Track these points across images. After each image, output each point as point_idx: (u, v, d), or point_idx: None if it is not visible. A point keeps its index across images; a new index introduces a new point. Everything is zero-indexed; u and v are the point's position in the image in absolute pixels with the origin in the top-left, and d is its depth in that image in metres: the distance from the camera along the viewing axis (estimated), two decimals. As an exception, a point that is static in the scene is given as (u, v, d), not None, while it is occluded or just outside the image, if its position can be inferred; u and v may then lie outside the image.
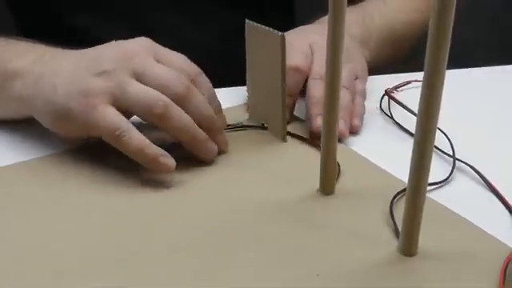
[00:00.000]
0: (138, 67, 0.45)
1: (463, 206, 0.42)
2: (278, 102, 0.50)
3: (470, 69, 0.72)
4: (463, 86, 0.66)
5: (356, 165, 0.48)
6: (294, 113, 0.56)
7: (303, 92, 0.55)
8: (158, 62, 0.46)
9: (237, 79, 0.58)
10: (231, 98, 0.60)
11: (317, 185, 0.44)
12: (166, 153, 0.45)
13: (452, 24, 0.30)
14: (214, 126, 0.48)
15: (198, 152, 0.47)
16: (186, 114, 0.45)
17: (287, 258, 0.37)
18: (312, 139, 0.51)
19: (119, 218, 0.41)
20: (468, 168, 0.47)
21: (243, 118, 0.56)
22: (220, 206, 0.42)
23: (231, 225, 0.40)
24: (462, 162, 0.48)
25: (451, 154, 0.49)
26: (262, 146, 0.52)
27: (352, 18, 0.63)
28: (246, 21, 0.52)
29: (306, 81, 0.54)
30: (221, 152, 0.49)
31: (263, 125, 0.54)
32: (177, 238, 0.39)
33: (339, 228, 0.40)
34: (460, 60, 0.60)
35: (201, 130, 0.46)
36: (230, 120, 0.55)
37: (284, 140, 0.52)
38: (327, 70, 0.39)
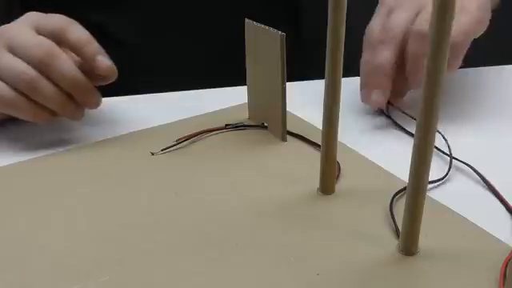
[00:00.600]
0: (12, 41, 0.49)
1: (462, 206, 0.42)
2: (277, 101, 0.50)
3: (470, 69, 0.72)
4: (463, 85, 0.66)
5: (356, 164, 0.48)
6: (295, 113, 0.56)
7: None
8: (36, 28, 0.50)
9: (237, 79, 0.58)
10: (231, 97, 0.60)
11: (317, 184, 0.44)
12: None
13: (452, 24, 0.30)
14: (80, 86, 0.50)
15: (66, 116, 0.51)
16: (49, 85, 0.48)
17: (287, 258, 0.37)
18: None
19: (119, 218, 0.41)
20: (467, 167, 0.47)
21: (243, 117, 0.56)
22: (220, 206, 0.42)
23: (231, 224, 0.40)
24: (460, 161, 0.48)
25: (449, 153, 0.49)
26: (262, 145, 0.52)
27: None
28: (246, 20, 0.52)
29: None
30: (92, 106, 0.52)
31: (263, 124, 0.54)
32: (177, 239, 0.39)
33: (339, 227, 0.40)
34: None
35: (64, 99, 0.49)
36: (230, 120, 0.55)
37: (284, 140, 0.52)
38: (327, 67, 0.39)
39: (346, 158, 0.47)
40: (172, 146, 0.51)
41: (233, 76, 0.57)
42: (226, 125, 0.54)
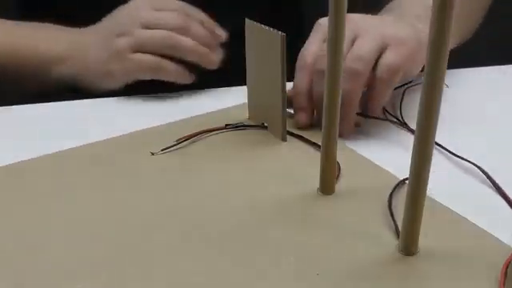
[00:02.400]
0: (143, 19, 0.59)
1: (468, 204, 0.42)
2: (278, 101, 0.50)
3: (469, 69, 0.72)
4: (463, 86, 0.66)
5: (356, 164, 0.48)
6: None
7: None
8: (156, 10, 0.60)
9: (237, 79, 0.58)
10: (231, 97, 0.60)
11: (317, 184, 0.44)
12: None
13: (452, 24, 0.30)
14: (212, 42, 0.61)
15: (205, 64, 0.61)
16: (188, 39, 0.59)
17: (287, 258, 0.37)
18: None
19: (119, 218, 0.41)
20: (472, 166, 0.47)
21: (243, 117, 0.56)
22: (220, 206, 0.42)
23: (230, 224, 0.40)
24: (465, 160, 0.48)
25: (450, 152, 0.49)
26: (262, 145, 0.52)
27: (413, 7, 0.61)
28: (246, 20, 0.52)
29: None
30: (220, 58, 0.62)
31: (263, 124, 0.54)
32: (177, 238, 0.39)
33: (339, 227, 0.40)
34: (460, 60, 0.60)
35: (203, 48, 0.60)
36: (230, 120, 0.55)
37: (284, 140, 0.52)
38: (327, 67, 0.39)
39: (345, 158, 0.47)
40: (172, 146, 0.51)
41: (233, 76, 0.57)
42: (226, 125, 0.54)
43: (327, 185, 0.43)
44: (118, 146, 0.52)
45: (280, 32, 0.47)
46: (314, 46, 0.53)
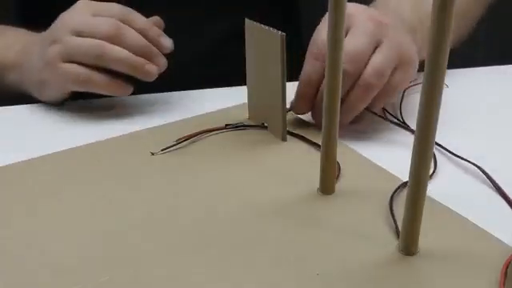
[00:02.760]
0: (75, 26, 0.54)
1: (468, 205, 0.42)
2: (278, 101, 0.50)
3: (469, 69, 0.72)
4: (463, 85, 0.66)
5: (356, 164, 0.48)
6: (294, 114, 0.56)
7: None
8: (93, 15, 0.55)
9: (237, 79, 0.58)
10: (231, 98, 0.60)
11: (317, 184, 0.44)
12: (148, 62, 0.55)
13: (452, 24, 0.30)
14: (150, 52, 0.56)
15: (139, 76, 0.56)
16: (120, 48, 0.53)
17: (287, 258, 0.37)
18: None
19: (119, 218, 0.41)
20: (472, 166, 0.47)
21: (243, 117, 0.56)
22: (219, 206, 0.42)
23: (231, 224, 0.40)
24: (466, 160, 0.48)
25: (450, 152, 0.49)
26: (262, 145, 0.52)
27: (400, 3, 0.60)
28: (246, 20, 0.52)
29: None
30: (161, 69, 0.57)
31: (263, 124, 0.54)
32: (176, 239, 0.39)
33: (339, 227, 0.40)
34: (460, 60, 0.60)
35: (137, 58, 0.54)
36: (230, 120, 0.55)
37: (284, 139, 0.52)
38: (327, 67, 0.39)
39: (346, 158, 0.47)
40: (172, 146, 0.51)
41: (233, 76, 0.57)
42: (226, 125, 0.54)
43: (327, 185, 0.43)
44: (118, 146, 0.52)
45: (280, 32, 0.47)
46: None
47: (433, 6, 0.30)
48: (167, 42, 0.58)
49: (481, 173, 0.46)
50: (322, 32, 0.51)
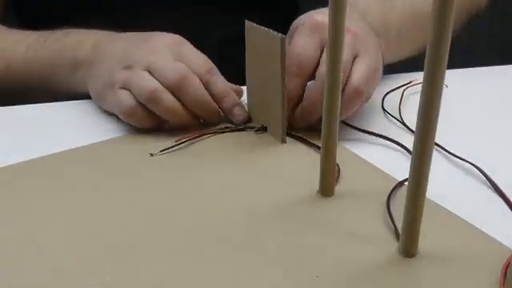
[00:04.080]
0: (152, 63, 0.52)
1: (467, 206, 0.42)
2: (277, 103, 0.50)
3: (469, 69, 0.72)
4: (463, 85, 0.66)
5: (356, 166, 0.48)
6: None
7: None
8: (173, 56, 0.53)
9: (237, 81, 0.58)
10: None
11: (316, 186, 0.43)
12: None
13: (452, 23, 0.30)
14: (205, 109, 0.53)
15: (175, 125, 0.54)
16: (171, 99, 0.51)
17: (287, 260, 0.36)
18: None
19: (118, 219, 0.41)
20: (471, 167, 0.47)
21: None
22: (219, 208, 0.42)
23: (230, 226, 0.40)
24: (465, 160, 0.48)
25: (449, 153, 0.49)
26: (262, 147, 0.51)
27: (369, 5, 0.61)
28: (246, 21, 0.52)
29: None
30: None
31: (263, 126, 0.54)
32: (176, 240, 0.39)
33: (339, 230, 0.39)
34: (460, 60, 0.60)
35: (181, 113, 0.52)
36: (229, 120, 0.55)
37: (284, 141, 0.52)
38: (327, 68, 0.39)
39: (345, 160, 0.47)
40: (171, 147, 0.50)
41: (233, 78, 0.57)
42: (226, 126, 0.54)
43: (327, 187, 0.43)
44: (118, 147, 0.52)
45: (280, 34, 0.47)
46: (313, 50, 0.51)
47: (433, 6, 0.29)
48: (240, 115, 0.55)
49: (480, 173, 0.46)
50: (298, 46, 0.51)
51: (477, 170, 0.46)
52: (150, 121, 0.53)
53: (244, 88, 0.57)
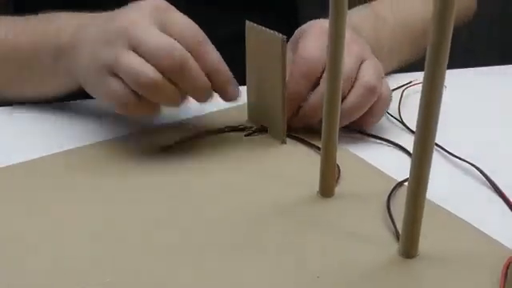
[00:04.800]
0: (134, 39, 0.46)
1: (467, 206, 0.42)
2: (277, 103, 0.50)
3: (469, 69, 0.72)
4: (463, 86, 0.66)
5: (356, 167, 0.48)
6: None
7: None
8: (158, 27, 0.47)
9: (237, 79, 0.58)
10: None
11: (316, 187, 0.43)
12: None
13: (453, 24, 0.30)
14: (205, 93, 0.49)
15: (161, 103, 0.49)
16: (173, 89, 0.47)
17: (287, 261, 0.37)
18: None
19: (118, 220, 0.41)
20: (471, 167, 0.47)
21: (243, 118, 0.56)
22: (219, 209, 0.42)
23: (230, 227, 0.40)
24: (465, 161, 0.48)
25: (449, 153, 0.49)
26: (262, 147, 0.51)
27: (362, 21, 0.62)
28: (246, 22, 0.52)
29: None
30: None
31: (263, 126, 0.54)
32: (176, 241, 0.39)
33: (339, 230, 0.39)
34: (460, 60, 0.60)
35: (181, 98, 0.48)
36: (229, 121, 0.55)
37: (284, 142, 0.52)
38: (327, 70, 0.39)
39: (345, 161, 0.47)
40: (171, 147, 0.50)
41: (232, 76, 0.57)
42: (226, 127, 0.54)
43: (327, 187, 0.43)
44: (118, 147, 0.51)
45: (281, 34, 0.47)
46: (321, 54, 0.51)
47: (433, 8, 0.29)
48: (233, 93, 0.50)
49: (480, 174, 0.46)
50: (309, 48, 0.51)
51: (477, 171, 0.46)
52: (145, 109, 0.48)
53: (244, 88, 0.57)
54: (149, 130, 0.55)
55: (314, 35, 0.52)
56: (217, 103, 0.59)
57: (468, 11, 0.77)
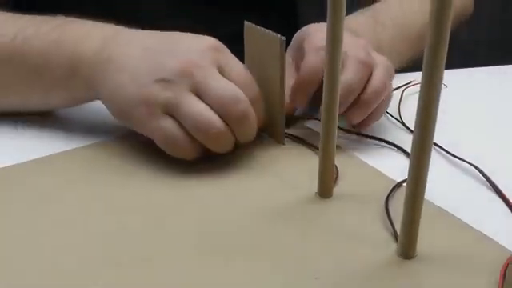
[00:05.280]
0: (199, 83, 0.45)
1: (467, 207, 0.41)
2: (276, 104, 0.50)
3: (469, 69, 0.72)
4: (463, 86, 0.66)
5: (354, 168, 0.48)
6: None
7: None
8: (220, 72, 0.46)
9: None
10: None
11: (315, 188, 0.43)
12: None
13: (450, 23, 0.30)
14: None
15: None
16: (232, 137, 0.46)
17: (286, 262, 0.36)
18: None
19: (118, 221, 0.41)
20: (471, 168, 0.47)
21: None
22: (218, 210, 0.42)
23: (230, 228, 0.40)
24: (464, 161, 0.48)
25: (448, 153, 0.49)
26: (260, 148, 0.51)
27: (361, 26, 0.61)
28: (245, 22, 0.52)
29: None
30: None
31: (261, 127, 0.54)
32: (176, 243, 0.39)
33: (338, 231, 0.39)
34: (460, 60, 0.59)
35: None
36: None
37: (282, 143, 0.52)
38: (325, 71, 0.39)
39: (344, 162, 0.47)
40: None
41: None
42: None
43: (325, 188, 0.43)
44: (118, 148, 0.51)
45: (280, 35, 0.47)
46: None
47: (431, 7, 0.29)
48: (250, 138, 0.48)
49: (480, 174, 0.46)
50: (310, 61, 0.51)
51: (476, 171, 0.46)
52: (195, 152, 0.46)
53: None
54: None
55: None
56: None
57: (465, 10, 0.77)
